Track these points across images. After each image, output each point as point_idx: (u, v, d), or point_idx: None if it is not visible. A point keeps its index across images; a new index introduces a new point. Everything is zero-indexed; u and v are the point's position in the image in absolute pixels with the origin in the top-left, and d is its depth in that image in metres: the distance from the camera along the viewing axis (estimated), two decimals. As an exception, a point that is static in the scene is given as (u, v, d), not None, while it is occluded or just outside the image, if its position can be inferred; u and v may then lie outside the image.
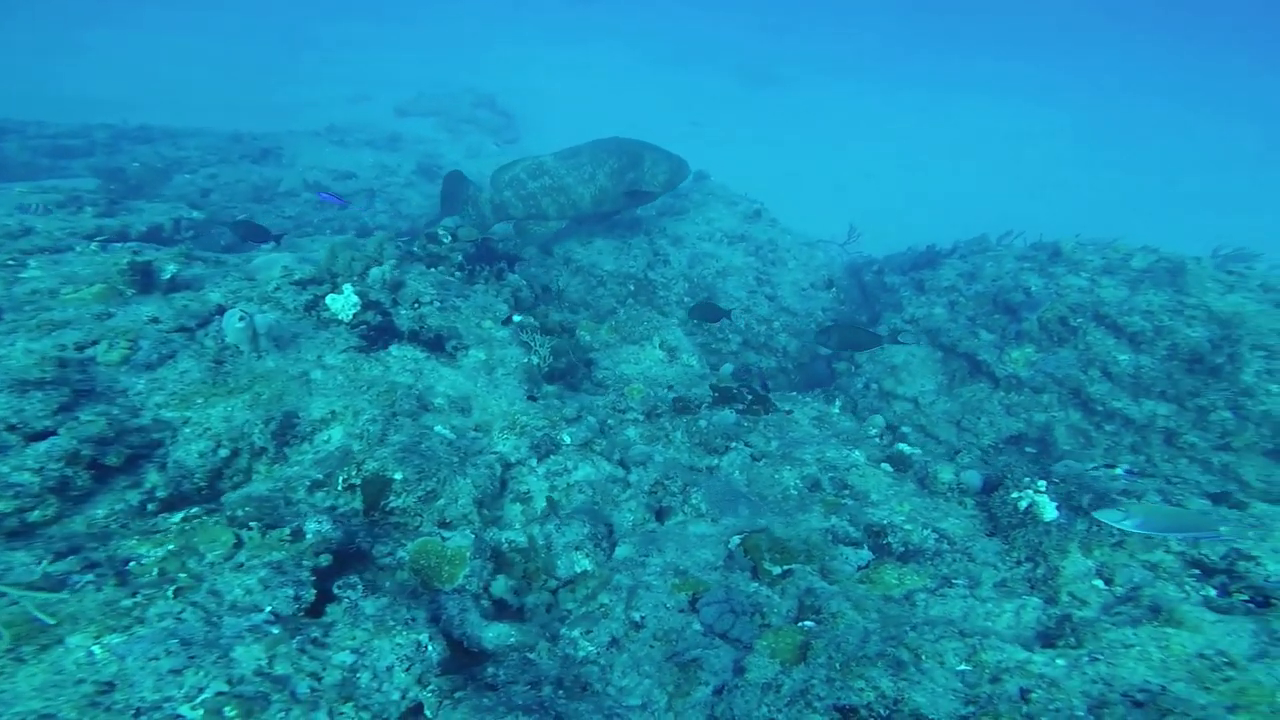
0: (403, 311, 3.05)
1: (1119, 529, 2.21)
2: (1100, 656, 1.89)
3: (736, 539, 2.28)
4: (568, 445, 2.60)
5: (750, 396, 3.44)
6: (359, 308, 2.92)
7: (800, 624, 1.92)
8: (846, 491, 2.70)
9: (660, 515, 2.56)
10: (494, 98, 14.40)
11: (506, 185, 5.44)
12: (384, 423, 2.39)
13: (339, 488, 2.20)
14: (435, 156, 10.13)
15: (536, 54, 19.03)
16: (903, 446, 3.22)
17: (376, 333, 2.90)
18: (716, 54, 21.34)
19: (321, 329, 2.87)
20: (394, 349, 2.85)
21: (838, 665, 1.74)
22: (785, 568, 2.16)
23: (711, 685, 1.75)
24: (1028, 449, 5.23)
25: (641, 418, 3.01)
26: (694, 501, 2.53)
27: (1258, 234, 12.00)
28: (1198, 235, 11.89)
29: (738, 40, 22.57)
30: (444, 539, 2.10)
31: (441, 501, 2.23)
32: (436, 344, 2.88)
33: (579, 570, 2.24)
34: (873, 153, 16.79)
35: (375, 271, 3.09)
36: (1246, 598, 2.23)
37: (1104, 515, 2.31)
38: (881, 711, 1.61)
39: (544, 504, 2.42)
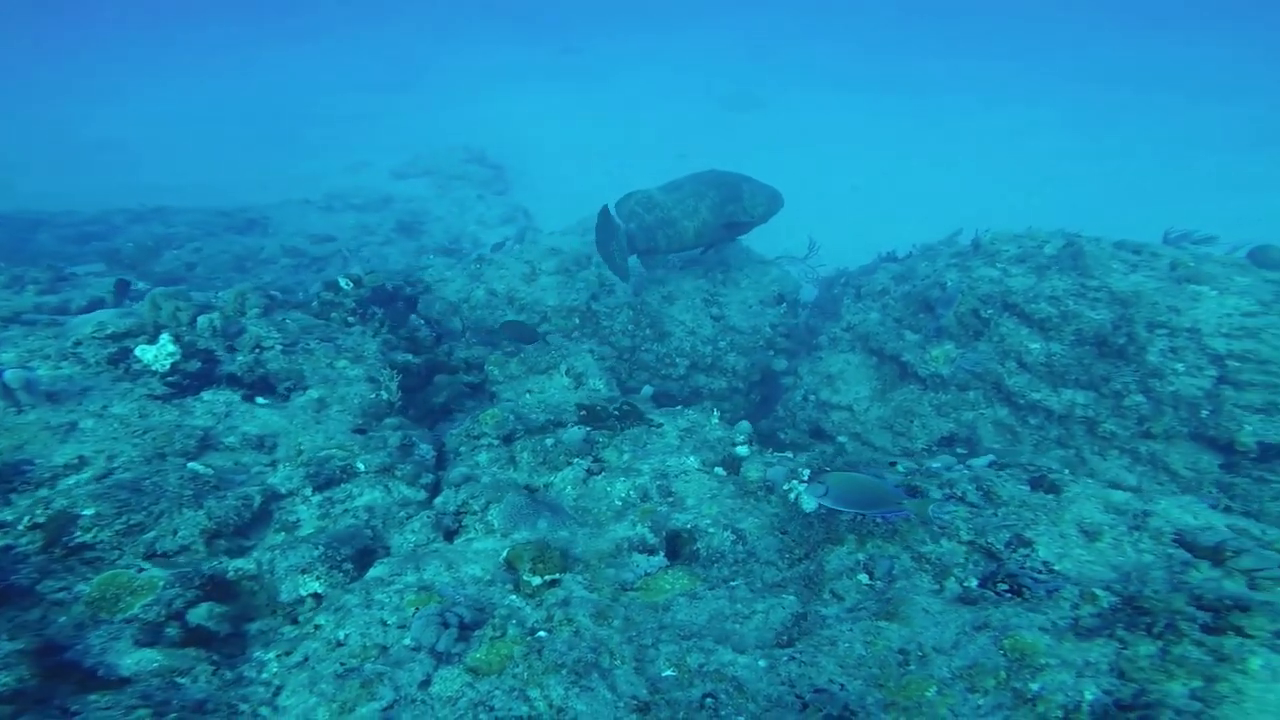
0: (239, 357, 3.30)
1: (823, 504, 2.23)
2: (799, 656, 1.93)
3: (505, 552, 2.40)
4: (363, 473, 2.81)
5: (617, 412, 3.63)
6: (178, 356, 3.03)
7: (536, 634, 1.97)
8: (670, 498, 2.83)
9: (451, 535, 2.69)
10: (484, 152, 15.36)
11: (628, 218, 5.75)
12: (142, 464, 2.58)
13: (21, 528, 2.24)
14: (420, 214, 10.93)
15: (525, 105, 20.18)
16: (740, 449, 3.33)
17: (192, 380, 3.05)
18: (700, 84, 22.05)
19: (124, 380, 2.98)
20: (206, 394, 3.05)
21: (525, 676, 1.80)
22: (550, 578, 2.26)
23: (387, 700, 1.80)
24: (959, 450, 5.15)
25: (496, 442, 3.25)
26: (489, 518, 2.66)
27: (1264, 214, 11.34)
28: (1201, 217, 11.32)
29: (721, 68, 23.26)
30: (140, 570, 2.19)
31: (151, 534, 2.34)
32: (265, 386, 3.16)
33: (305, 593, 2.31)
34: (859, 164, 16.86)
35: (204, 320, 3.32)
36: (1006, 587, 2.24)
37: (807, 489, 2.36)
38: (557, 717, 1.67)
39: (311, 530, 2.57)
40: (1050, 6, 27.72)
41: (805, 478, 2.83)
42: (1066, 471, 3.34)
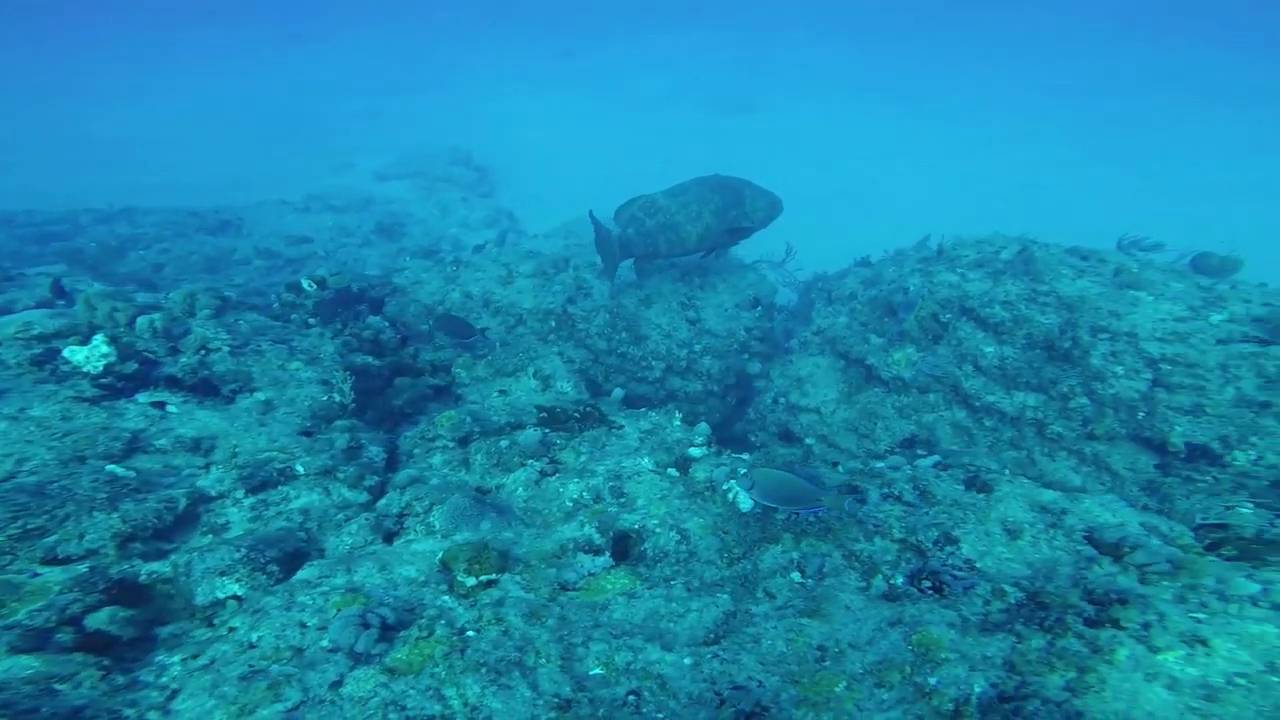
0: (182, 359, 3.29)
1: (752, 498, 2.32)
2: (723, 654, 2.00)
3: (442, 554, 2.45)
4: (302, 475, 2.87)
5: (578, 415, 3.74)
6: (113, 358, 2.96)
7: (465, 634, 2.01)
8: (622, 499, 2.93)
9: (391, 537, 2.73)
10: (470, 154, 15.39)
11: (628, 222, 5.80)
12: (55, 467, 2.56)
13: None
14: (401, 216, 10.95)
15: (517, 108, 20.23)
16: (693, 451, 3.44)
17: (127, 382, 3.00)
18: (693, 89, 22.20)
19: (48, 382, 2.93)
20: (140, 396, 3.02)
21: (444, 675, 1.83)
22: (486, 579, 2.32)
23: (293, 701, 1.80)
24: (919, 451, 5.30)
25: (452, 444, 3.34)
26: (431, 520, 2.72)
27: (1238, 223, 11.64)
28: (1178, 226, 11.61)
29: (714, 73, 23.44)
30: (34, 575, 2.15)
31: (52, 539, 2.31)
32: (208, 388, 3.22)
33: (223, 596, 2.30)
34: (847, 168, 17.08)
35: (143, 321, 3.29)
36: (930, 584, 2.37)
37: (734, 483, 2.47)
38: (471, 715, 1.71)
39: (241, 533, 2.59)
40: (1041, 14, 28.15)
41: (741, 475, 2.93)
42: (1006, 471, 3.48)
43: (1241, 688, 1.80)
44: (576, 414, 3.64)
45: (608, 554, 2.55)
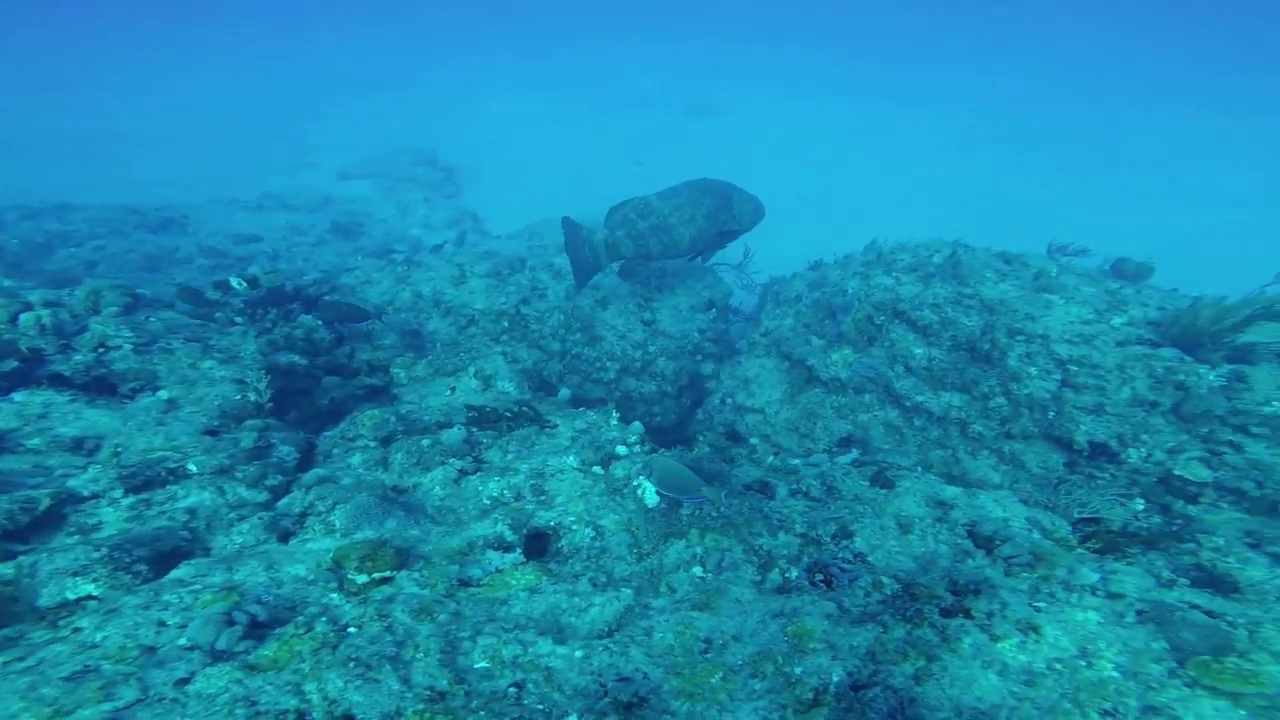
0: (76, 357, 3.23)
1: (659, 490, 2.37)
2: (613, 647, 2.07)
3: (334, 551, 2.46)
4: (195, 474, 2.86)
5: (509, 414, 3.78)
6: None
7: (346, 630, 2.03)
8: (542, 497, 3.00)
9: (287, 536, 2.74)
10: (435, 154, 15.26)
11: (619, 225, 5.77)
12: None
13: None
14: (360, 216, 10.82)
15: (488, 110, 20.12)
16: (619, 449, 3.52)
17: (5, 380, 2.92)
18: (663, 93, 22.36)
19: None
20: (19, 395, 2.94)
21: (307, 671, 1.83)
22: (380, 576, 2.34)
23: (126, 700, 1.74)
24: (854, 450, 5.47)
25: (374, 444, 3.36)
26: (332, 519, 2.74)
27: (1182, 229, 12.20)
28: (1117, 233, 12.14)
29: (685, 76, 23.64)
30: None
31: None
32: (103, 386, 3.19)
33: (74, 597, 2.23)
34: (810, 171, 17.39)
35: (27, 317, 3.22)
36: (821, 577, 2.48)
37: (641, 479, 2.57)
38: (318, 714, 1.71)
39: (114, 532, 2.54)
40: (1003, 23, 29.05)
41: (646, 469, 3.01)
42: (919, 469, 3.63)
43: (1056, 672, 1.94)
44: (508, 414, 3.68)
45: (519, 551, 2.60)
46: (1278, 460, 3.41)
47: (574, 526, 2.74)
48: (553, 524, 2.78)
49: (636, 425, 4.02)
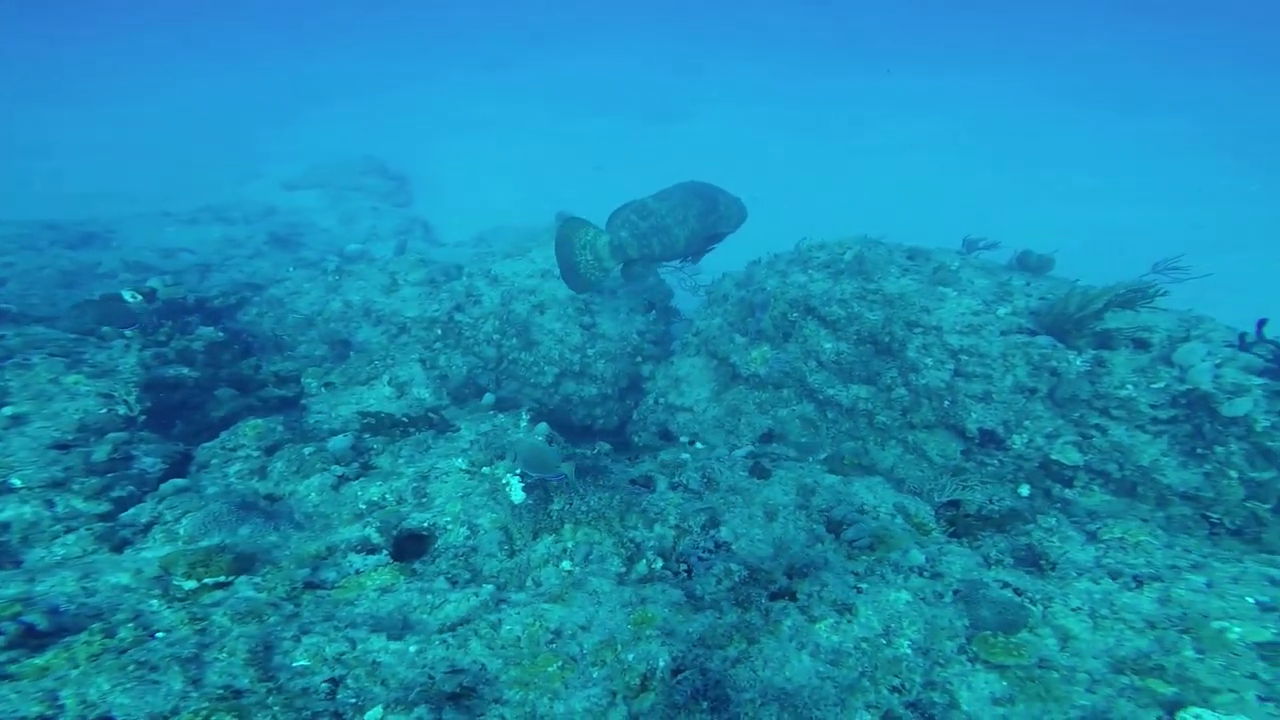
0: None
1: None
2: (452, 640, 2.11)
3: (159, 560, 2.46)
4: (18, 488, 2.78)
5: (407, 421, 3.80)
6: None
7: (153, 635, 2.04)
8: (423, 499, 3.03)
9: (122, 546, 2.72)
10: (385, 163, 15.12)
11: (621, 225, 5.71)
12: None
13: None
14: (301, 227, 10.68)
15: (445, 118, 20.02)
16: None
17: None
18: (624, 98, 22.52)
19: None
20: None
21: (74, 676, 1.81)
22: (215, 581, 2.33)
23: None
24: (774, 445, 5.60)
25: (257, 453, 3.36)
26: (178, 528, 2.73)
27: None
28: (1058, 229, 12.61)
29: (646, 82, 23.85)
30: None
31: None
32: None
33: None
34: (766, 174, 17.68)
35: None
36: (685, 566, 2.56)
37: (509, 477, 2.65)
38: (84, 712, 1.70)
39: None
40: (957, 28, 29.92)
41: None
42: (810, 459, 3.75)
43: (861, 651, 2.05)
44: (406, 419, 3.70)
45: (385, 552, 2.63)
46: (1135, 442, 3.60)
47: (450, 526, 2.78)
48: (427, 525, 2.82)
49: (542, 426, 4.08)
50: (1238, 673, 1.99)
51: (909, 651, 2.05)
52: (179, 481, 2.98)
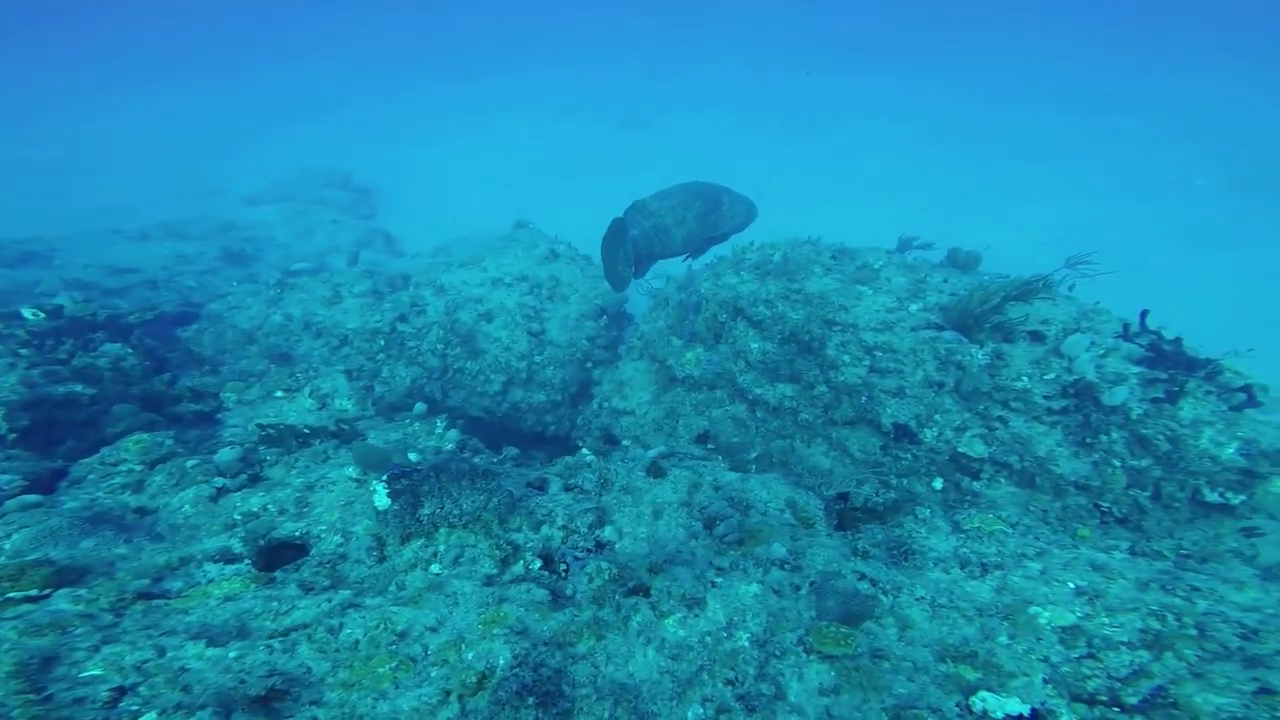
0: None
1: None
2: (278, 645, 2.09)
3: None
4: None
5: (308, 432, 3.79)
6: None
7: None
8: (305, 508, 3.03)
9: None
10: (349, 176, 15.11)
11: (632, 225, 5.77)
12: None
13: None
14: (259, 241, 10.64)
15: (414, 130, 20.05)
16: (411, 455, 3.58)
17: None
18: (596, 106, 22.66)
19: None
20: None
21: None
22: (23, 595, 2.25)
23: None
24: (709, 445, 5.63)
25: (140, 467, 3.33)
26: (7, 543, 2.58)
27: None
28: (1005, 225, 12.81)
29: (618, 89, 24.01)
30: None
31: None
32: None
33: None
34: (735, 178, 17.76)
35: None
36: (564, 566, 2.58)
37: (375, 484, 2.68)
38: None
39: None
40: (923, 31, 30.40)
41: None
42: (750, 460, 3.77)
43: (704, 645, 2.06)
44: (308, 430, 3.69)
45: (247, 562, 2.62)
46: (1033, 433, 3.66)
47: (324, 535, 2.77)
48: (300, 534, 2.81)
49: (453, 434, 4.08)
50: (1035, 656, 2.03)
51: (746, 644, 2.06)
52: (29, 498, 2.95)
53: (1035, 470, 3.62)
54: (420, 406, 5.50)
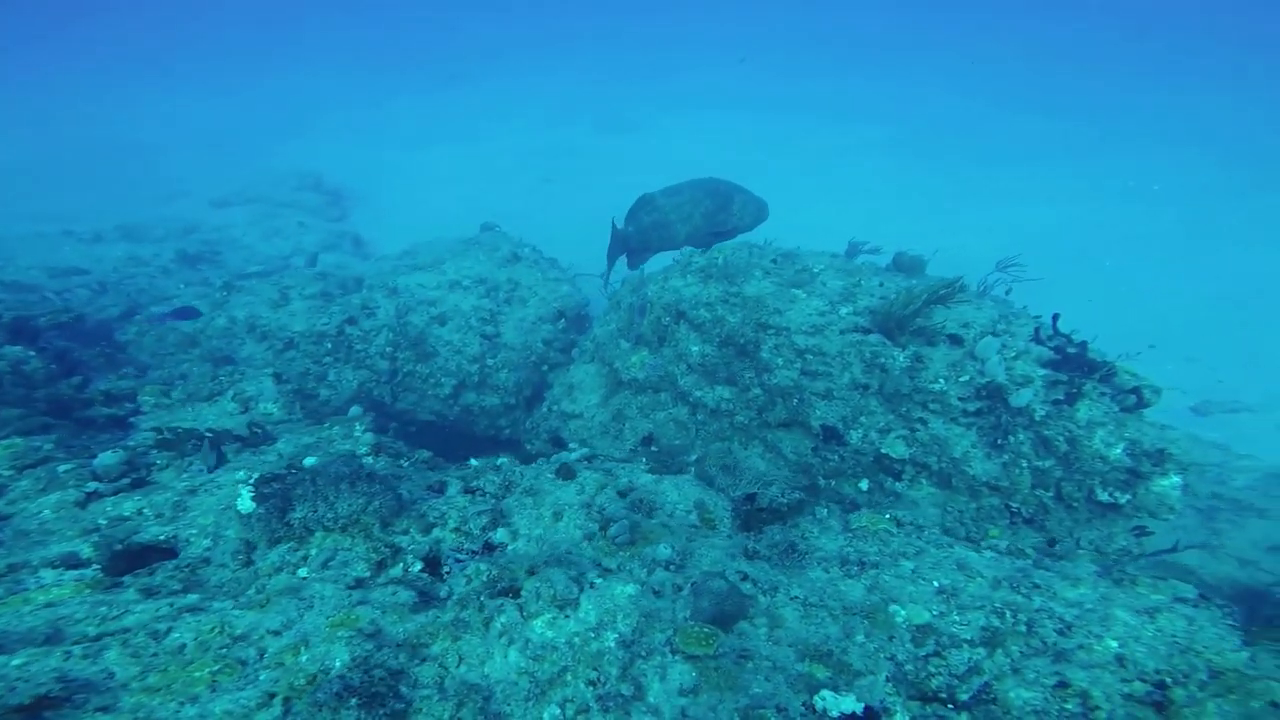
0: None
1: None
2: (91, 652, 2.01)
3: None
4: None
5: (211, 434, 3.70)
6: None
7: None
8: (181, 511, 2.94)
9: None
10: (320, 178, 14.98)
11: (629, 219, 5.84)
12: None
13: None
14: (220, 243, 10.51)
15: (395, 132, 19.97)
16: (308, 460, 3.51)
17: None
18: (575, 110, 22.67)
19: None
20: None
21: None
22: None
23: None
24: (653, 448, 5.58)
25: (8, 472, 3.23)
26: None
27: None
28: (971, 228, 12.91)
29: (598, 96, 24.05)
30: None
31: None
32: None
33: None
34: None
35: None
36: (447, 569, 2.52)
37: (240, 488, 2.64)
38: None
39: None
40: (889, 37, 30.71)
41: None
42: (691, 462, 3.71)
43: (571, 645, 2.01)
44: (210, 434, 3.61)
45: (95, 567, 2.54)
46: (950, 434, 3.65)
47: (194, 539, 2.70)
48: (166, 537, 2.74)
49: (368, 437, 4.01)
50: (883, 655, 2.00)
51: (613, 645, 2.02)
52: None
53: (951, 471, 3.60)
54: (355, 409, 5.42)
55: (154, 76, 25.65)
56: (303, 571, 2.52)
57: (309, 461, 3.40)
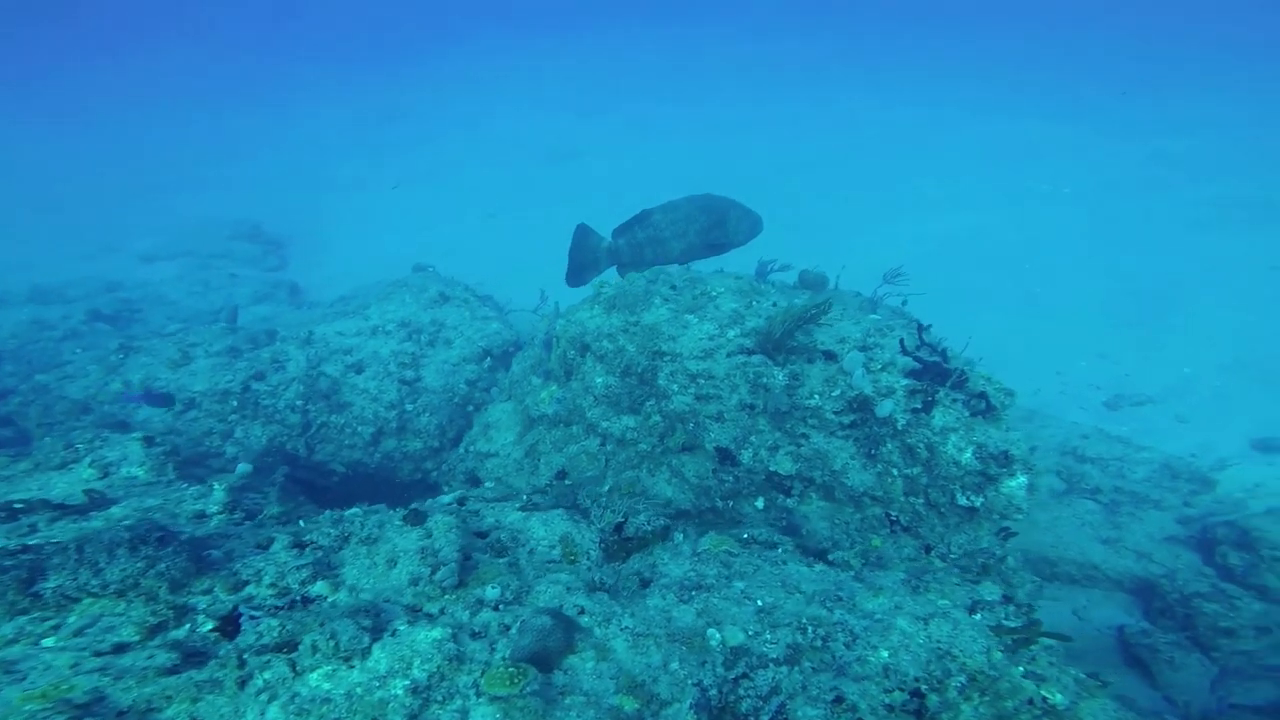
0: None
1: None
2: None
3: None
4: None
5: (22, 506, 3.46)
6: None
7: None
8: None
9: None
10: (259, 226, 14.73)
11: (621, 233, 5.73)
12: None
13: None
14: (141, 301, 10.16)
15: (335, 176, 19.84)
16: (126, 521, 3.30)
17: None
18: (520, 142, 22.86)
19: None
20: None
21: None
22: None
23: None
24: (566, 481, 5.45)
25: None
26: None
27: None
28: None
29: (545, 128, 24.35)
30: None
31: None
32: None
33: None
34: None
35: None
36: (210, 627, 2.35)
37: None
38: None
39: None
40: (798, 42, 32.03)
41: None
42: (603, 493, 3.59)
43: (350, 697, 1.87)
44: (22, 505, 3.38)
45: None
46: (830, 447, 3.62)
47: None
48: None
49: (219, 493, 3.78)
50: (691, 682, 1.91)
51: (400, 692, 1.88)
52: None
53: (834, 484, 3.57)
54: (243, 467, 5.15)
55: (79, 124, 25.08)
56: (48, 641, 2.31)
57: (126, 522, 3.16)
